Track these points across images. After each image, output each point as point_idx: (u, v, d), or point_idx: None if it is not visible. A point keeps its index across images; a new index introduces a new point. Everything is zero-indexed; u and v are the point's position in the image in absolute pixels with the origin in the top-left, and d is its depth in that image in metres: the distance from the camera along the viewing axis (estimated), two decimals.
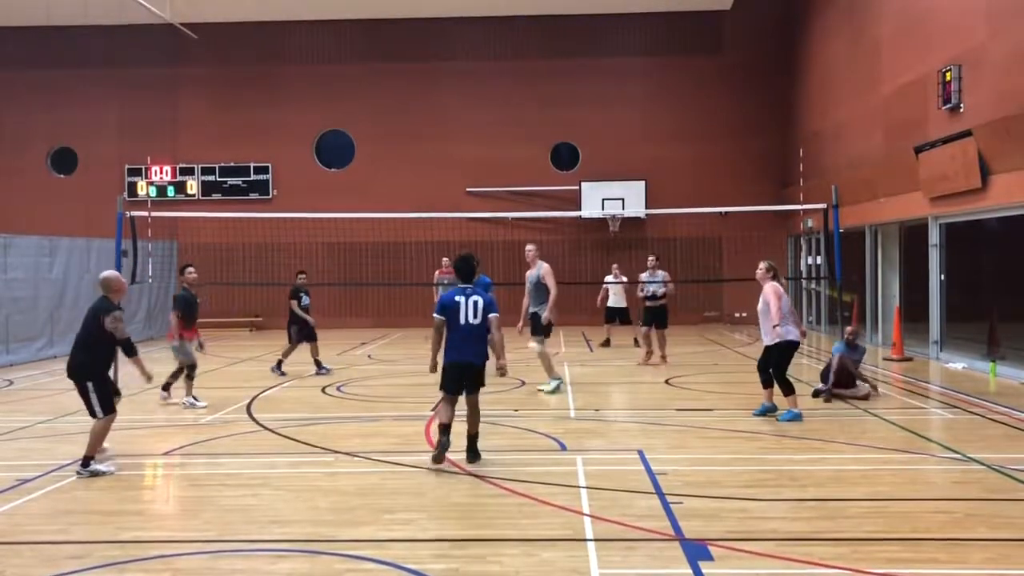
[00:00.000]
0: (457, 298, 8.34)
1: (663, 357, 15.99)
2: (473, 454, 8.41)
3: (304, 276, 15.90)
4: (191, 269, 12.75)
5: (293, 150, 27.11)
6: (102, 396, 8.26)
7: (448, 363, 8.42)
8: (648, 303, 16.14)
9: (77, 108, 27.34)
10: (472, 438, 8.46)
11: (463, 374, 8.39)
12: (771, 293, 10.50)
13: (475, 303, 8.32)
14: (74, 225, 24.37)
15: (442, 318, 8.35)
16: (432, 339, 8.48)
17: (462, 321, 8.30)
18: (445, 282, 18.82)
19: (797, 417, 10.38)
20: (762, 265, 10.84)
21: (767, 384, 10.77)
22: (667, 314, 16.22)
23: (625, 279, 19.39)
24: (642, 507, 6.90)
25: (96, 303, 8.47)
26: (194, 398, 11.90)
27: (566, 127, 26.94)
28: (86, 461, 8.15)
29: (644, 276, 16.65)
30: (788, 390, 10.57)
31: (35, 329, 18.20)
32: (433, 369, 8.77)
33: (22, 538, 6.38)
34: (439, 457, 8.16)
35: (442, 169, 26.44)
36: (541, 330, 12.85)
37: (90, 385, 8.22)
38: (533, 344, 12.93)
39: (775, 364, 10.64)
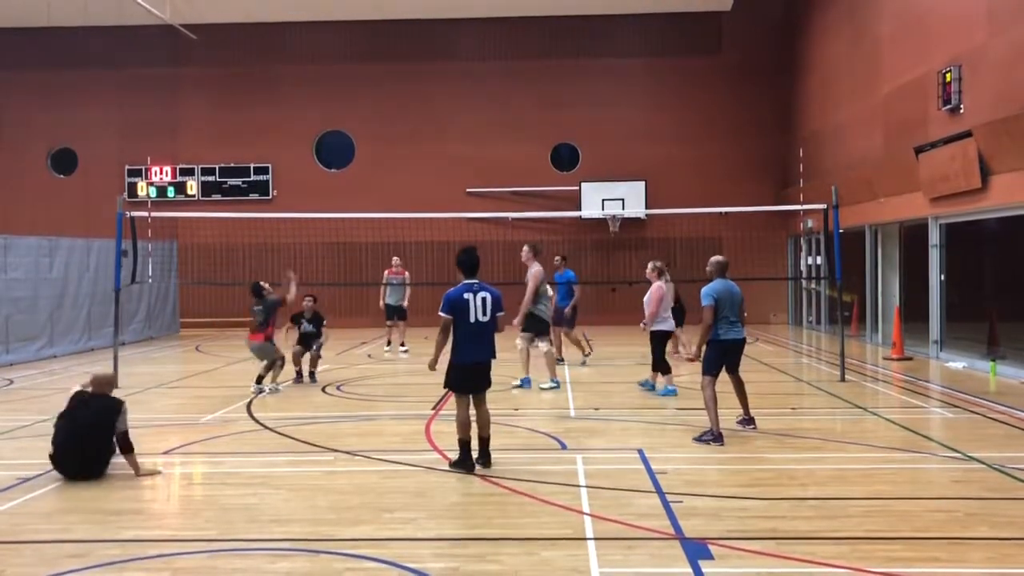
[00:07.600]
0: (466, 295, 7.98)
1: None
2: (486, 458, 8.09)
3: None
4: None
5: (293, 150, 27.10)
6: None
7: (459, 363, 8.05)
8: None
9: (77, 108, 27.33)
10: (484, 441, 8.13)
11: (476, 374, 8.09)
12: (655, 292, 12.43)
13: (483, 299, 8.00)
14: (74, 225, 24.36)
15: (450, 317, 8.00)
16: (438, 339, 8.17)
17: (472, 319, 7.95)
18: (395, 282, 18.50)
19: (672, 392, 12.28)
20: (650, 265, 12.80)
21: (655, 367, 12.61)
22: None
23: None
24: (642, 506, 6.90)
25: (102, 402, 8.09)
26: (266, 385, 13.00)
27: (566, 127, 26.93)
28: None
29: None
30: (664, 370, 12.50)
31: (35, 329, 18.18)
32: (433, 366, 8.50)
33: (22, 537, 6.38)
34: (464, 467, 7.99)
35: (442, 169, 26.43)
36: (547, 329, 13.45)
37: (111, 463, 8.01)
38: (543, 345, 13.28)
39: (653, 348, 12.58)
